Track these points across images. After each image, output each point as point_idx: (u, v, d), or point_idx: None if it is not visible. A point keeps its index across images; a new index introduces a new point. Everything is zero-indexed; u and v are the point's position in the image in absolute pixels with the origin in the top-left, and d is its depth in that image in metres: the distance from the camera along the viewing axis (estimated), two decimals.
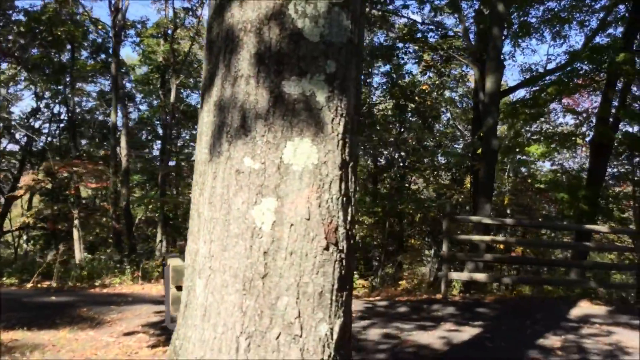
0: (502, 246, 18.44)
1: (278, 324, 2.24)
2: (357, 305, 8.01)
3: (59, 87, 23.61)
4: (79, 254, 20.09)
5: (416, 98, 27.24)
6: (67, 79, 21.00)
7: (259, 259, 2.26)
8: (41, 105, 26.23)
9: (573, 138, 15.78)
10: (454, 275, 9.33)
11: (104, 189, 19.76)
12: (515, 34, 15.68)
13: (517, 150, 14.13)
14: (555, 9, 16.53)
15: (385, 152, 32.78)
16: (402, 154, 32.32)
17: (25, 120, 27.30)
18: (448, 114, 31.96)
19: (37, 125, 27.07)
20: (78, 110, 26.10)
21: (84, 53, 24.69)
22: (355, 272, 15.99)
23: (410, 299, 9.20)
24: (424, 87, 26.62)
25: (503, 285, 11.39)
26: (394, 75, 27.92)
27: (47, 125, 27.05)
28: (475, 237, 9.96)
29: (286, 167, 2.27)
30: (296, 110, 2.27)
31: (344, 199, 2.36)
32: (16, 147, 28.15)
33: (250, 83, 2.30)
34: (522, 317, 7.54)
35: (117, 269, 11.97)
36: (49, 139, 26.49)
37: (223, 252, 2.33)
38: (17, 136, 28.66)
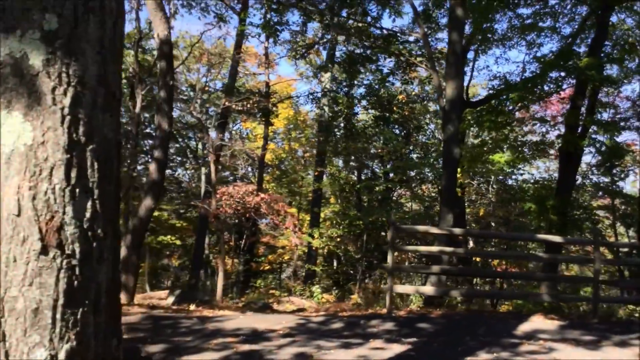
0: (478, 259, 17.95)
1: None
2: (289, 322, 7.49)
3: None
4: None
5: (394, 109, 26.91)
6: None
7: None
8: None
9: (542, 147, 15.35)
10: (399, 288, 8.80)
11: None
12: (478, 40, 15.28)
13: (483, 159, 13.67)
14: (524, 16, 16.20)
15: (371, 164, 32.46)
16: (388, 166, 31.88)
17: None
18: (432, 125, 31.68)
19: None
20: None
21: None
22: (317, 285, 15.47)
23: (356, 314, 8.69)
24: (400, 97, 26.23)
25: (459, 299, 10.87)
26: (376, 86, 27.60)
27: None
28: (422, 248, 9.48)
29: None
30: (2, 75, 1.79)
31: (77, 190, 1.87)
32: None
33: None
34: (462, 333, 7.04)
35: None
36: None
37: None
38: None
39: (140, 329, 6.56)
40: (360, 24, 21.34)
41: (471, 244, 25.83)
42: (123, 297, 9.47)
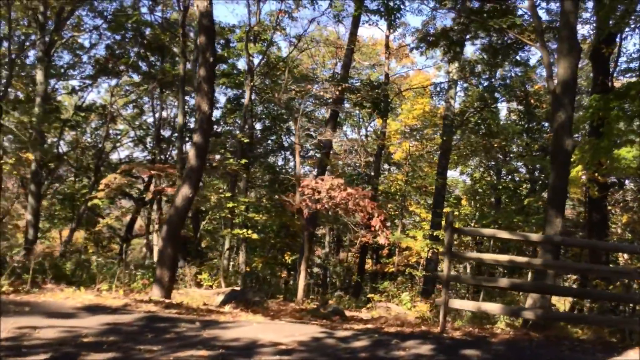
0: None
1: None
2: (306, 335, 6.32)
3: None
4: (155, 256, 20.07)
5: (531, 101, 24.40)
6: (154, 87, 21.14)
7: None
8: (171, 115, 27.03)
9: None
10: (456, 303, 7.25)
11: None
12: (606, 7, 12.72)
13: (608, 154, 11.36)
14: None
15: (514, 165, 30.19)
16: (530, 167, 29.56)
17: (154, 130, 28.24)
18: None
19: (166, 134, 27.96)
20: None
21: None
22: (407, 293, 13.96)
23: (402, 330, 7.31)
24: (537, 88, 23.61)
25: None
26: (518, 73, 25.25)
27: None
28: (486, 256, 7.75)
29: None
30: None
31: None
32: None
33: None
34: None
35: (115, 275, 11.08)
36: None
37: None
38: (148, 145, 30.04)
39: (120, 332, 5.80)
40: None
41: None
42: (157, 293, 8.88)
